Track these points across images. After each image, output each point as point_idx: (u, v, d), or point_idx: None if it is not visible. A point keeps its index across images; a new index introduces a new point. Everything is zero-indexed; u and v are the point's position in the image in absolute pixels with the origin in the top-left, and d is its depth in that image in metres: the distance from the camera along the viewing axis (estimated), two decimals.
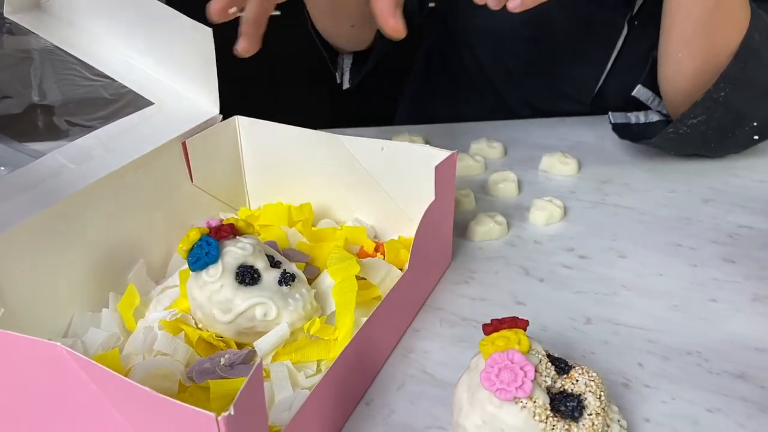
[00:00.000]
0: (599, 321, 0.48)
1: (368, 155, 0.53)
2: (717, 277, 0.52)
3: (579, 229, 0.59)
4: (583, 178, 0.67)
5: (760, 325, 0.47)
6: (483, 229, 0.57)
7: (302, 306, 0.43)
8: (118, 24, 0.55)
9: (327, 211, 0.57)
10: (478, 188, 0.66)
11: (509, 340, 0.35)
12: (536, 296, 0.51)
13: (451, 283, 0.52)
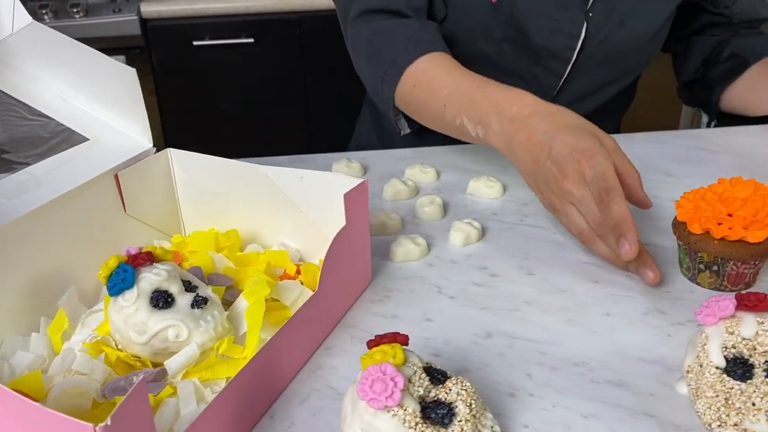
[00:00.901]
0: (498, 335, 0.51)
1: (290, 184, 0.57)
2: (615, 293, 0.56)
3: (494, 249, 0.63)
4: (506, 200, 0.71)
5: (647, 337, 0.51)
6: (403, 251, 0.61)
7: (213, 327, 0.46)
8: (55, 65, 0.58)
9: (255, 236, 0.60)
10: (408, 211, 0.69)
11: (385, 354, 0.39)
12: (444, 313, 0.54)
13: (367, 302, 0.56)
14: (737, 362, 0.41)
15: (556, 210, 0.60)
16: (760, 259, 0.54)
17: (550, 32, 0.81)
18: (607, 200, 0.53)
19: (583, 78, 0.85)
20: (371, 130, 1.03)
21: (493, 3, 0.79)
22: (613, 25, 0.81)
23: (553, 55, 0.82)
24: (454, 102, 0.68)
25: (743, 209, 0.52)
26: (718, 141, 0.83)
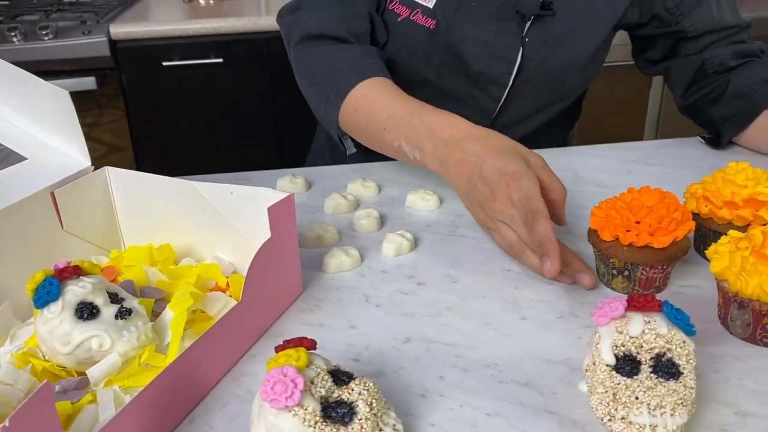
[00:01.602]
0: (417, 340, 0.54)
1: (221, 199, 0.59)
2: (533, 298, 0.59)
3: (424, 258, 0.65)
4: (441, 212, 0.74)
5: (557, 339, 0.53)
6: (335, 262, 0.63)
7: (136, 337, 0.48)
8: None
9: (191, 250, 0.62)
10: (347, 224, 0.72)
11: (289, 357, 0.41)
12: (369, 320, 0.56)
13: (297, 312, 0.58)
14: (626, 359, 0.44)
15: (489, 228, 0.63)
16: (668, 263, 0.57)
17: (488, 58, 0.84)
18: (531, 221, 0.56)
19: (521, 101, 0.88)
20: (325, 148, 1.06)
21: (432, 29, 0.82)
22: (549, 51, 0.84)
23: (490, 80, 0.85)
24: (393, 126, 0.70)
25: (649, 217, 0.55)
26: (652, 153, 0.86)
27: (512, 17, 0.81)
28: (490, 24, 0.82)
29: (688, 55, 0.90)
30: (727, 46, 0.88)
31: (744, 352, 0.51)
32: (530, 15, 0.81)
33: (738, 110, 0.84)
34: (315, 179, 0.82)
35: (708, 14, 0.86)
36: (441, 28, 0.82)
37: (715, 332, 0.54)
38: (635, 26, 0.90)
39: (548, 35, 0.83)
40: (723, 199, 0.59)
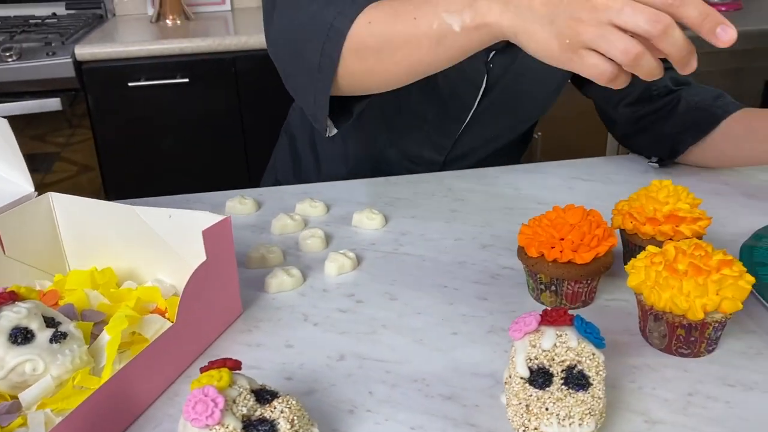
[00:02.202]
0: (351, 357, 0.55)
1: (161, 223, 0.60)
2: (465, 313, 0.61)
3: (365, 277, 0.67)
4: (387, 231, 0.76)
5: (485, 353, 0.55)
6: (276, 282, 0.65)
7: (71, 360, 0.49)
8: None
9: (133, 273, 0.64)
10: (293, 244, 0.74)
11: (212, 378, 0.43)
12: (306, 339, 0.58)
13: (236, 332, 0.59)
14: (539, 372, 0.46)
15: (583, 46, 0.49)
16: (591, 278, 0.59)
17: (458, 81, 0.86)
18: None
19: (483, 124, 0.91)
20: (287, 162, 1.07)
21: None
22: (513, 78, 0.86)
23: (457, 102, 0.88)
24: (427, 6, 0.59)
25: (572, 234, 0.58)
26: (593, 170, 0.89)
27: None
28: None
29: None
30: (665, 73, 0.91)
31: (660, 362, 0.54)
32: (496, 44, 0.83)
33: (696, 122, 0.86)
34: (264, 199, 0.83)
35: None
36: None
37: (635, 343, 0.56)
38: None
39: (512, 64, 0.86)
40: (646, 216, 0.62)
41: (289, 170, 1.06)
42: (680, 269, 0.52)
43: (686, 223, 0.61)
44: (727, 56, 1.99)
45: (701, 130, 0.86)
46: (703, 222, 0.62)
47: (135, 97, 1.88)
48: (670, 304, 0.52)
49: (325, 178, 0.98)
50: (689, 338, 0.53)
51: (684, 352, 0.54)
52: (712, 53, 2.00)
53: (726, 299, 0.51)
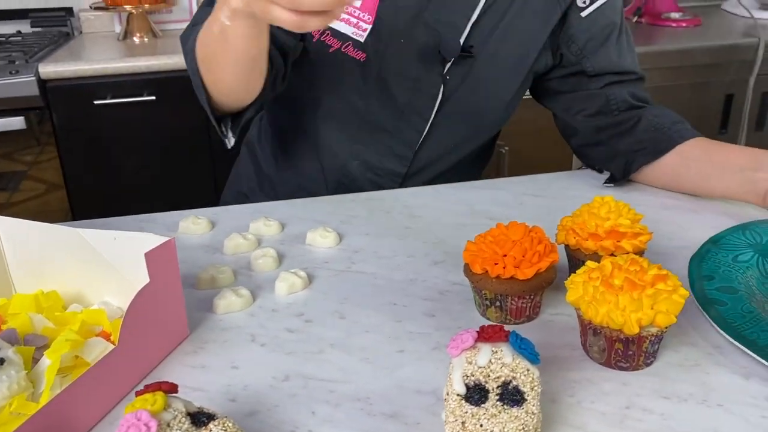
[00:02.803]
0: (296, 377, 0.56)
1: (106, 245, 0.60)
2: (413, 330, 0.61)
3: (316, 296, 0.67)
4: (341, 249, 0.76)
5: (429, 370, 0.56)
6: (225, 303, 0.65)
7: (8, 386, 0.49)
8: None
9: (80, 296, 0.63)
10: (245, 264, 0.74)
11: (145, 402, 0.42)
12: (252, 360, 0.58)
13: (182, 354, 0.59)
14: (476, 389, 0.46)
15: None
16: (534, 293, 0.60)
17: (413, 92, 0.88)
18: None
19: (442, 134, 0.92)
20: (251, 176, 1.07)
21: (362, 62, 0.87)
22: (469, 90, 0.89)
23: (415, 112, 0.89)
24: (215, 14, 0.70)
25: (514, 250, 0.59)
26: (545, 186, 0.91)
27: (435, 55, 0.86)
28: (415, 60, 0.87)
29: (591, 90, 0.93)
30: (625, 88, 0.92)
31: (600, 376, 0.55)
32: (450, 57, 0.86)
33: (652, 142, 0.88)
34: (218, 219, 0.83)
35: (608, 57, 0.91)
36: (371, 61, 0.86)
37: (576, 358, 0.57)
38: (550, 70, 0.94)
39: (468, 75, 0.88)
40: (588, 231, 0.63)
41: (254, 182, 1.06)
42: (616, 284, 0.53)
43: (627, 238, 0.62)
44: (689, 71, 2.03)
45: (656, 151, 0.87)
46: (644, 237, 0.63)
47: (101, 115, 1.87)
48: (607, 319, 0.53)
49: (289, 190, 0.98)
50: (627, 352, 0.54)
51: (623, 366, 0.55)
52: (675, 68, 2.05)
53: (660, 313, 0.52)
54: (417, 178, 0.96)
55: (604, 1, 0.89)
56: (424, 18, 0.85)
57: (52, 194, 1.96)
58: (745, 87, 2.07)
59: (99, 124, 1.88)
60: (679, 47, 2.01)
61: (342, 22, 0.85)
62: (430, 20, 0.85)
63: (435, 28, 0.85)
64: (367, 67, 0.87)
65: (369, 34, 0.85)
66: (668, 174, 0.88)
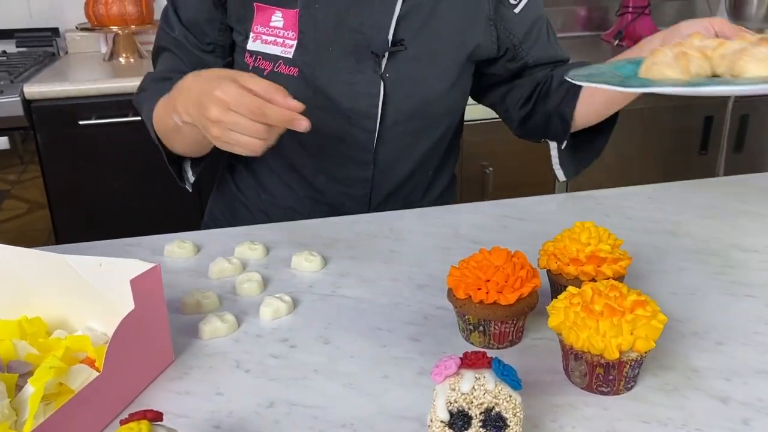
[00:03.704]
0: (280, 403, 0.56)
1: (91, 271, 0.60)
2: (397, 355, 0.62)
3: (300, 321, 0.68)
4: (326, 273, 0.77)
5: (413, 396, 0.56)
6: (210, 328, 0.65)
7: None
8: None
9: (65, 322, 0.63)
10: (230, 289, 0.74)
11: (130, 430, 0.43)
12: (237, 385, 0.58)
13: (166, 380, 0.59)
14: (459, 415, 0.47)
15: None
16: (517, 318, 0.61)
17: (353, 94, 0.90)
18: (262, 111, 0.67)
19: (395, 132, 0.93)
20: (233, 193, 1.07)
21: (296, 76, 0.89)
22: (408, 83, 0.91)
23: (361, 114, 0.91)
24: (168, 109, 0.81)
25: (497, 275, 0.60)
26: (527, 210, 0.92)
27: (368, 56, 0.88)
28: (348, 64, 0.89)
29: (528, 77, 1.00)
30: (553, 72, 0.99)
31: (581, 400, 0.55)
32: (382, 53, 0.88)
33: (566, 91, 0.93)
34: (204, 243, 0.84)
35: (544, 49, 0.98)
36: (304, 74, 0.89)
37: (558, 382, 0.58)
38: (491, 61, 0.97)
39: (404, 68, 0.90)
40: (569, 256, 0.64)
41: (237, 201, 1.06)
42: (596, 310, 0.54)
43: (607, 263, 0.64)
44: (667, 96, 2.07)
45: (572, 96, 0.92)
46: (624, 262, 0.64)
47: (86, 136, 1.86)
48: (588, 344, 0.54)
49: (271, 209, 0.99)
50: (608, 377, 0.55)
51: (604, 390, 0.56)
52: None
53: (640, 338, 0.53)
54: (387, 183, 0.97)
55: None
56: (347, 24, 0.88)
57: (34, 214, 1.94)
58: (724, 109, 2.11)
59: (83, 145, 1.88)
60: None
61: (270, 44, 0.89)
62: (355, 25, 0.88)
63: (360, 31, 0.88)
64: (302, 80, 0.89)
65: (295, 49, 0.88)
66: (591, 108, 0.93)
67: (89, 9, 2.02)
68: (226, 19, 0.93)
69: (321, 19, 0.88)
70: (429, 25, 0.90)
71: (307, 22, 0.87)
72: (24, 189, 1.89)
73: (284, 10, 0.88)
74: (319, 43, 0.88)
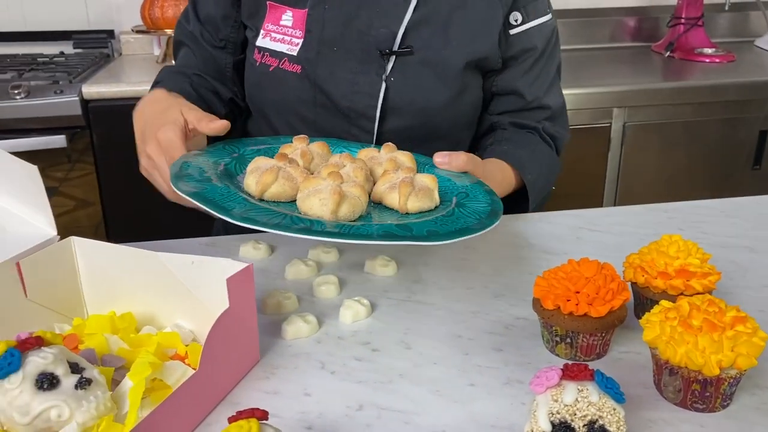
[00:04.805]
0: (369, 407, 0.56)
1: (183, 269, 0.61)
2: (481, 364, 0.61)
3: (380, 324, 0.68)
4: (399, 278, 0.77)
5: (504, 405, 0.56)
6: (293, 329, 0.66)
7: (95, 407, 0.50)
8: None
9: (152, 318, 0.64)
10: (307, 290, 0.74)
11: (241, 428, 0.43)
12: (324, 387, 0.59)
13: (254, 379, 0.60)
14: (561, 426, 0.46)
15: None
16: (606, 331, 0.60)
17: (351, 94, 0.90)
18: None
19: (394, 138, 0.89)
20: None
21: (299, 74, 0.90)
22: (412, 87, 0.90)
23: (359, 114, 0.91)
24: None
25: (587, 287, 0.59)
26: (598, 221, 0.91)
27: (373, 57, 0.89)
28: (351, 64, 0.89)
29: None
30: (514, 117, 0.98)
31: (675, 416, 0.54)
32: (388, 53, 0.88)
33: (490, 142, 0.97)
34: (278, 244, 0.84)
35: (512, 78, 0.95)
36: (306, 71, 0.90)
37: (650, 397, 0.57)
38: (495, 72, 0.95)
39: (409, 72, 0.90)
40: (657, 270, 0.64)
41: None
42: (695, 325, 0.53)
43: (697, 277, 0.63)
44: (720, 107, 2.04)
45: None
46: (713, 277, 0.63)
47: None
48: (686, 359, 0.53)
49: None
50: (704, 393, 0.54)
51: (699, 407, 0.55)
52: (708, 104, 2.06)
53: (741, 356, 0.52)
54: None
55: (533, 26, 0.93)
56: (355, 26, 0.88)
57: (81, 211, 1.98)
58: None
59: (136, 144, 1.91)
60: (712, 83, 2.01)
61: (278, 42, 0.91)
62: (363, 27, 0.88)
63: (369, 33, 0.88)
64: (304, 77, 0.90)
65: (300, 47, 0.90)
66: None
67: (145, 11, 2.06)
68: (240, 17, 0.95)
69: (329, 19, 0.89)
70: (440, 34, 0.89)
71: (315, 21, 0.89)
72: (72, 186, 1.93)
73: (294, 9, 0.91)
74: (325, 42, 0.89)
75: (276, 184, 0.68)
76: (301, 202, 0.66)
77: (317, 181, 0.66)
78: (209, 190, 0.66)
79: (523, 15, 0.92)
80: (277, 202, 0.69)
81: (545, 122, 0.98)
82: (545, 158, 0.96)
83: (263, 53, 0.92)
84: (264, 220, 0.60)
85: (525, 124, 0.97)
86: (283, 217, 0.62)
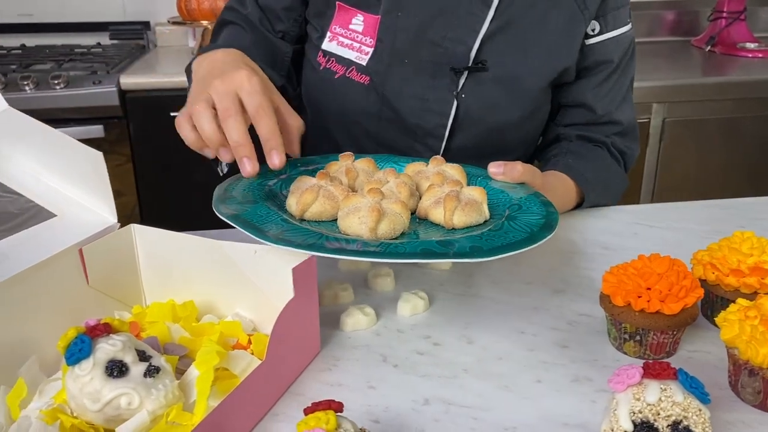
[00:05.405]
0: (436, 401, 0.55)
1: (245, 258, 0.61)
2: (547, 360, 0.60)
3: (439, 318, 0.67)
4: (454, 272, 0.76)
5: (573, 403, 0.55)
6: (352, 320, 0.65)
7: (164, 395, 0.49)
8: (27, 147, 0.63)
9: (212, 307, 0.64)
10: (361, 282, 0.73)
11: (319, 420, 0.42)
12: (387, 380, 0.58)
13: (316, 371, 0.59)
14: (644, 426, 0.45)
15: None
16: (678, 329, 0.58)
17: (420, 111, 0.87)
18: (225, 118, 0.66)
19: (461, 155, 0.86)
20: None
21: (366, 85, 0.87)
22: (484, 106, 0.87)
23: (426, 133, 0.88)
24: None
25: (660, 283, 0.57)
26: (654, 216, 0.89)
27: (445, 73, 0.85)
28: (422, 79, 0.86)
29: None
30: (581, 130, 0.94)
31: (755, 419, 0.53)
32: (462, 70, 0.85)
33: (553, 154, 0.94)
34: None
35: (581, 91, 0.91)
36: (375, 83, 0.86)
37: (725, 398, 0.55)
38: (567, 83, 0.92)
39: (482, 90, 0.86)
40: (729, 267, 0.62)
41: None
42: None
43: None
44: (762, 104, 1.99)
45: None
46: None
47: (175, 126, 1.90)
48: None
49: None
50: None
51: None
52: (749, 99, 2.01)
53: None
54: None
55: (611, 37, 0.89)
56: (428, 36, 0.84)
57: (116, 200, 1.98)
58: None
59: (173, 135, 1.91)
60: (755, 78, 1.97)
61: (345, 47, 0.87)
62: (436, 38, 0.84)
63: (441, 45, 0.84)
64: (372, 90, 0.87)
65: (371, 57, 0.86)
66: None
67: (181, 3, 2.07)
68: (305, 12, 0.91)
69: (402, 28, 0.84)
70: (517, 47, 0.85)
71: (388, 29, 0.85)
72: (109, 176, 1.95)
73: (366, 14, 0.86)
74: (396, 53, 0.85)
75: (316, 204, 0.65)
76: (341, 221, 0.63)
77: (357, 199, 0.63)
78: (248, 212, 0.63)
79: (602, 25, 0.88)
80: (318, 221, 0.66)
81: (614, 137, 0.94)
82: (611, 175, 0.92)
83: (329, 57, 0.88)
84: (299, 241, 0.57)
85: (593, 138, 0.93)
86: (318, 237, 0.59)
